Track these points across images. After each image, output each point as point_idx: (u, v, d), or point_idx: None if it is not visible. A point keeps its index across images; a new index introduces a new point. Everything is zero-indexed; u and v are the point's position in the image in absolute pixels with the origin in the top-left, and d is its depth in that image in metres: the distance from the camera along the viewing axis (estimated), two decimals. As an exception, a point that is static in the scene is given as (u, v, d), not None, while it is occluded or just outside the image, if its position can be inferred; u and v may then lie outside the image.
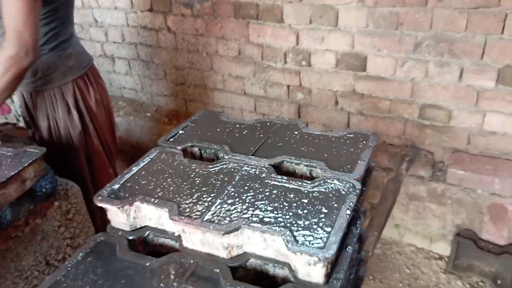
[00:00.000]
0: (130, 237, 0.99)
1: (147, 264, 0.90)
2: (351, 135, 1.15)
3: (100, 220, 1.84)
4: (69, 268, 0.91)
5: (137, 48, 2.75)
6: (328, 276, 0.82)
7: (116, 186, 1.04)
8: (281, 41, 2.23)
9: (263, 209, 0.91)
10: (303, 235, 0.82)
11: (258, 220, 0.88)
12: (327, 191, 0.94)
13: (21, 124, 1.97)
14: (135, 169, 1.10)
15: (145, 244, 1.01)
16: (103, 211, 1.04)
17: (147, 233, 1.00)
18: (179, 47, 2.59)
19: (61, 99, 1.64)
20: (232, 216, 0.90)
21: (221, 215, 0.91)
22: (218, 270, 0.87)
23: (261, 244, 0.88)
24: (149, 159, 1.14)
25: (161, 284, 0.85)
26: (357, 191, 0.92)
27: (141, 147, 2.82)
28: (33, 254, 1.53)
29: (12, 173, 1.27)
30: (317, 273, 0.80)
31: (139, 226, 1.01)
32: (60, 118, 1.67)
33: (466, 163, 1.97)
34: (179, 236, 0.96)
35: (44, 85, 1.61)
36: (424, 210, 2.13)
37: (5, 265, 1.44)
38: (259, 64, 2.36)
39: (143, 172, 1.08)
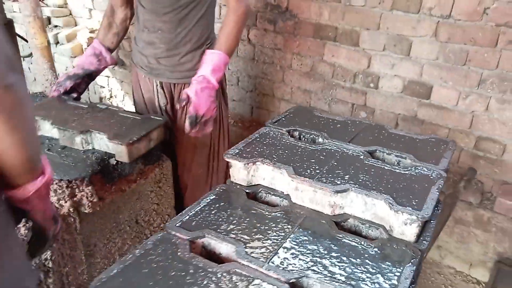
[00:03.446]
0: (247, 191, 1.21)
1: (265, 212, 1.12)
2: (433, 139, 1.36)
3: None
4: (204, 205, 1.14)
5: (216, 54, 3.05)
6: (418, 237, 1.02)
7: (238, 149, 1.27)
8: (353, 63, 2.46)
9: (364, 180, 1.12)
10: (402, 201, 1.03)
11: (361, 187, 1.09)
12: (418, 175, 1.15)
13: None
14: (250, 139, 1.33)
15: (255, 200, 1.23)
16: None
17: (260, 189, 1.22)
18: (256, 58, 2.86)
19: None
20: (338, 182, 1.11)
21: (328, 180, 1.13)
22: (324, 222, 1.08)
23: (361, 207, 1.08)
24: (261, 134, 1.37)
25: (279, 225, 1.06)
26: (444, 178, 1.12)
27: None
28: (128, 211, 1.77)
29: (144, 132, 1.53)
30: (410, 232, 1.00)
31: (253, 184, 1.24)
32: None
33: (515, 195, 2.12)
34: (288, 195, 1.18)
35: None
36: (468, 235, 2.27)
37: (108, 215, 1.68)
38: (328, 81, 2.60)
39: (258, 143, 1.32)
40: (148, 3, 1.76)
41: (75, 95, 1.89)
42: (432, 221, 1.08)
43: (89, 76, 1.92)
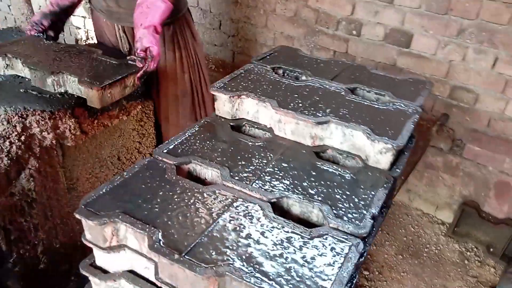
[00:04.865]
0: (231, 124, 1.24)
1: (249, 143, 1.16)
2: (411, 80, 1.41)
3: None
4: (189, 134, 1.17)
5: (198, -4, 2.98)
6: (391, 166, 1.09)
7: (223, 83, 1.29)
8: (338, 9, 2.45)
9: (344, 114, 1.17)
10: (378, 132, 1.08)
11: (341, 120, 1.13)
12: (395, 110, 1.20)
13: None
14: (235, 74, 1.35)
15: (240, 132, 1.27)
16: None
17: (244, 123, 1.26)
18: (239, 1, 2.81)
19: None
20: (320, 115, 1.16)
21: (310, 113, 1.17)
22: (305, 151, 1.13)
23: (339, 138, 1.14)
24: (245, 70, 1.39)
25: (262, 154, 1.11)
26: (420, 113, 1.18)
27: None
28: (110, 147, 1.79)
29: (119, 77, 1.51)
30: (385, 161, 1.07)
31: (237, 117, 1.27)
32: None
33: (483, 142, 2.23)
34: (271, 128, 1.22)
35: None
36: (437, 179, 2.40)
37: (91, 150, 1.70)
38: (311, 27, 2.60)
39: (243, 78, 1.34)
40: None
41: (52, 34, 1.82)
42: (405, 153, 1.15)
43: (65, 13, 1.83)
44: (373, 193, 0.99)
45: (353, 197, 0.97)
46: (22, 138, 1.42)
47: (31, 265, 1.60)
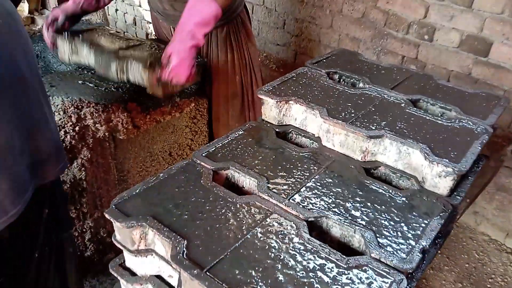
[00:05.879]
0: (277, 130, 1.18)
1: (293, 152, 1.09)
2: (483, 94, 1.25)
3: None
4: (232, 138, 1.12)
5: (264, -6, 2.93)
6: (451, 192, 0.96)
7: (272, 86, 1.22)
8: (409, 12, 2.29)
9: (401, 129, 1.05)
10: (439, 152, 0.96)
11: (397, 135, 1.02)
12: (461, 128, 1.07)
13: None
14: (286, 77, 1.28)
15: (285, 140, 1.20)
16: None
17: (290, 130, 1.18)
18: (305, 0, 2.72)
19: None
20: (373, 127, 1.06)
21: (363, 124, 1.07)
22: (353, 167, 1.03)
23: (394, 156, 1.03)
24: (298, 73, 1.32)
25: (305, 166, 1.03)
26: (490, 133, 1.04)
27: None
28: (162, 143, 1.80)
29: None
30: (444, 185, 0.94)
31: (284, 123, 1.20)
32: None
33: None
34: (318, 137, 1.14)
35: None
36: (509, 204, 2.15)
37: (143, 144, 1.71)
38: (379, 30, 2.45)
39: (294, 82, 1.26)
40: None
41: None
42: (470, 178, 1.01)
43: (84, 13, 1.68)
44: (426, 221, 0.87)
45: (402, 224, 0.86)
46: (77, 128, 1.46)
47: (79, 251, 1.65)
